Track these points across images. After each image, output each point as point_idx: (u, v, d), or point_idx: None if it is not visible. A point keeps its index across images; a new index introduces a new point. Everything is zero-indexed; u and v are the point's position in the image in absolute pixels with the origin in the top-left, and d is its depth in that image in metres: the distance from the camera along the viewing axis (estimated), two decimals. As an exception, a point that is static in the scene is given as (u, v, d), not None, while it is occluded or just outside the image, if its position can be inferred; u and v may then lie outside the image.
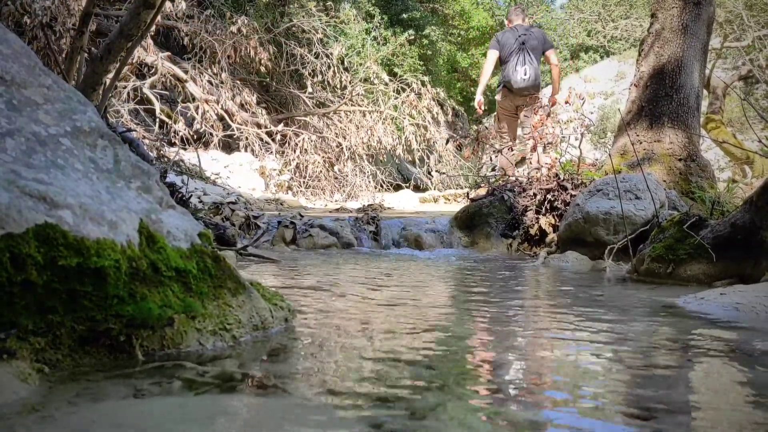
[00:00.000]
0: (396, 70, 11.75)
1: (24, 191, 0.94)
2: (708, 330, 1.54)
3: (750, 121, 10.71)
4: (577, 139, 5.19)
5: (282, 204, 6.69)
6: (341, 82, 9.32)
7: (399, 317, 1.61)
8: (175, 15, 8.15)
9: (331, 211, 5.73)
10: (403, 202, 8.04)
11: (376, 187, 9.20)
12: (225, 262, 1.24)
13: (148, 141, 7.21)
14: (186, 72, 8.23)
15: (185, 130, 7.87)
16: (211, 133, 8.25)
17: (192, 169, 6.92)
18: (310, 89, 9.40)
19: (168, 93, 8.27)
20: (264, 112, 8.86)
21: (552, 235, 3.97)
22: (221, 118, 8.35)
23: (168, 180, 4.10)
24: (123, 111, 7.49)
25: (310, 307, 1.69)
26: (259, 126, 8.62)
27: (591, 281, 2.67)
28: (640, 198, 3.39)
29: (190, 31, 8.24)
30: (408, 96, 9.11)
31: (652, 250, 2.70)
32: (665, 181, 4.52)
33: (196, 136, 8.13)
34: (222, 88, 8.41)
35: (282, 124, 8.91)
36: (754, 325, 1.59)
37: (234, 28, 8.34)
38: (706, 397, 0.99)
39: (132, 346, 1.00)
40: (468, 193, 5.60)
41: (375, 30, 11.20)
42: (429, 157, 10.22)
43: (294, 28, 9.58)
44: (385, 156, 9.82)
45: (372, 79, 9.44)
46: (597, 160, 5.54)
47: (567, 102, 5.37)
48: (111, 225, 1.03)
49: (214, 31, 8.39)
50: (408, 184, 10.54)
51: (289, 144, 8.57)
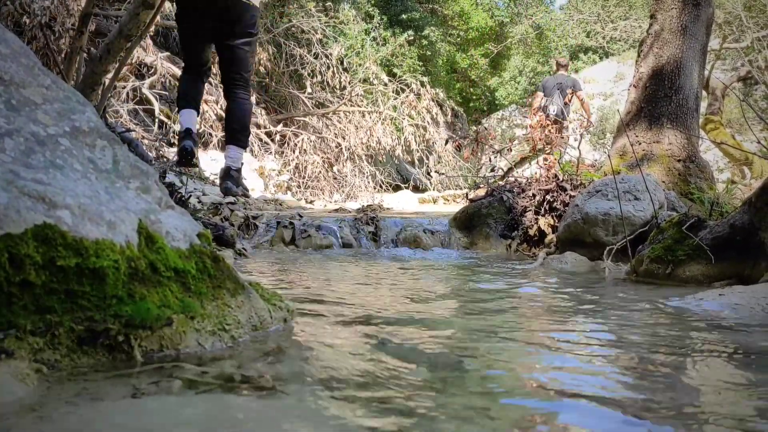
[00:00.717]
0: (395, 70, 11.75)
1: (23, 191, 0.94)
2: (707, 330, 1.54)
3: (749, 122, 10.72)
4: (576, 140, 5.20)
5: (281, 204, 6.68)
6: (340, 82, 9.33)
7: (398, 317, 1.61)
8: (175, 15, 8.15)
9: (330, 212, 5.73)
10: (403, 203, 8.04)
11: (376, 188, 9.20)
12: (224, 262, 1.24)
13: (147, 141, 7.21)
14: (185, 72, 8.22)
15: (184, 130, 7.85)
16: (210, 134, 8.25)
17: (191, 169, 6.91)
18: (310, 89, 9.40)
19: (167, 93, 8.27)
20: (263, 112, 8.86)
21: (551, 236, 3.97)
22: (220, 119, 8.35)
23: (167, 180, 4.10)
24: (122, 111, 7.49)
25: (309, 308, 1.69)
26: (258, 126, 8.62)
27: (590, 282, 2.67)
28: (639, 199, 3.39)
29: (190, 31, 8.22)
30: (407, 96, 9.11)
31: (651, 251, 2.70)
32: (664, 182, 4.53)
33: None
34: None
35: (281, 125, 8.91)
36: (753, 326, 1.59)
37: (233, 28, 8.32)
38: (705, 397, 0.99)
39: (131, 346, 1.00)
40: (467, 193, 5.61)
41: (374, 30, 11.21)
42: (428, 158, 10.23)
43: (293, 29, 9.58)
44: (384, 156, 9.82)
45: (371, 79, 9.44)
46: (596, 160, 5.56)
47: (566, 103, 5.38)
48: (110, 225, 1.03)
49: (214, 31, 8.37)
50: (407, 185, 10.54)
51: (288, 144, 8.57)
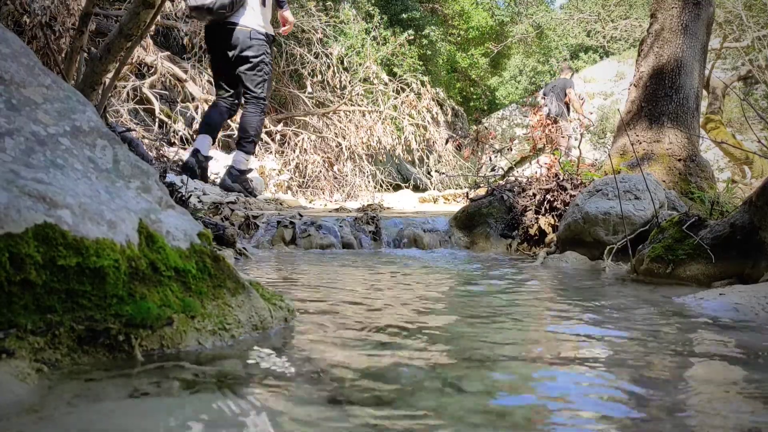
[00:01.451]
0: (395, 70, 11.75)
1: (23, 191, 0.94)
2: (707, 330, 1.54)
3: (749, 121, 10.72)
4: (576, 139, 5.20)
5: (281, 204, 6.68)
6: (341, 82, 9.32)
7: (399, 317, 1.61)
8: (175, 14, 8.15)
9: (330, 211, 5.73)
10: (403, 202, 8.04)
11: (376, 187, 9.20)
12: (224, 261, 1.24)
13: (147, 141, 7.21)
14: (185, 72, 8.22)
15: (185, 129, 7.86)
16: (210, 133, 8.23)
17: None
18: (310, 89, 9.40)
19: (167, 93, 8.27)
20: (263, 111, 8.84)
21: (551, 235, 3.97)
22: (221, 119, 8.34)
23: (167, 180, 4.10)
24: (122, 111, 7.49)
25: (309, 307, 1.69)
26: (258, 126, 8.61)
27: (590, 281, 2.67)
28: (640, 198, 3.39)
29: (190, 31, 8.24)
30: (407, 96, 9.10)
31: (651, 250, 2.70)
32: (665, 181, 4.53)
33: (195, 136, 8.13)
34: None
35: (281, 124, 8.90)
36: (754, 325, 1.59)
37: (233, 28, 8.32)
38: (705, 396, 0.99)
39: (131, 345, 1.00)
40: (467, 193, 5.61)
41: (374, 30, 11.20)
42: (428, 157, 10.22)
43: (293, 28, 9.57)
44: (384, 156, 9.81)
45: (371, 79, 9.43)
46: (596, 160, 5.56)
47: (566, 103, 5.38)
48: (110, 225, 1.03)
49: (214, 30, 8.38)
50: (407, 184, 10.53)
51: (288, 144, 8.57)
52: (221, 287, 1.20)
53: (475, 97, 18.45)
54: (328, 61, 9.26)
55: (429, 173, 10.76)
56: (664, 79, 4.83)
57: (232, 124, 8.35)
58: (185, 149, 7.59)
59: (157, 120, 7.89)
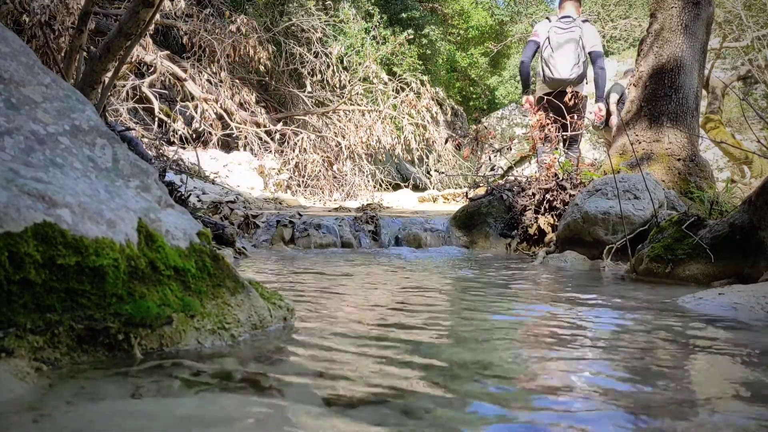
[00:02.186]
0: (395, 69, 11.75)
1: (23, 190, 0.94)
2: (706, 329, 1.54)
3: (749, 121, 10.73)
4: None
5: (281, 203, 6.68)
6: (340, 81, 9.32)
7: (398, 316, 1.61)
8: (174, 14, 8.14)
9: (330, 211, 5.73)
10: (402, 202, 8.04)
11: (375, 187, 9.20)
12: (224, 261, 1.24)
13: (147, 140, 7.20)
14: (185, 71, 8.22)
15: (184, 129, 7.86)
16: (210, 132, 8.24)
17: (191, 168, 6.92)
18: (309, 88, 9.40)
19: (167, 92, 8.27)
20: (263, 111, 8.86)
21: (551, 235, 3.97)
22: (220, 117, 8.35)
23: (167, 179, 4.10)
24: (122, 110, 7.49)
25: (309, 307, 1.69)
26: (258, 125, 8.61)
27: (589, 280, 2.67)
28: (639, 198, 3.39)
29: (189, 30, 8.24)
30: (407, 95, 9.10)
31: (650, 249, 2.70)
32: (664, 180, 4.53)
33: (195, 135, 8.13)
34: (221, 87, 8.41)
35: (281, 123, 8.90)
36: (753, 325, 1.59)
37: (233, 27, 8.34)
38: (704, 396, 0.99)
39: (130, 344, 1.00)
40: (467, 192, 5.61)
41: (374, 29, 11.20)
42: (428, 157, 10.23)
43: (293, 27, 9.58)
44: (384, 155, 9.81)
45: (371, 78, 9.43)
46: (596, 159, 5.56)
47: (566, 103, 5.38)
48: (110, 224, 1.03)
49: (213, 29, 8.39)
50: (407, 184, 10.53)
51: (288, 143, 8.57)
52: (221, 286, 1.20)
53: (474, 96, 18.46)
54: (328, 60, 9.26)
55: (428, 173, 10.77)
56: (663, 78, 4.84)
57: (231, 124, 8.36)
58: (184, 148, 7.59)
59: (156, 119, 7.89)
